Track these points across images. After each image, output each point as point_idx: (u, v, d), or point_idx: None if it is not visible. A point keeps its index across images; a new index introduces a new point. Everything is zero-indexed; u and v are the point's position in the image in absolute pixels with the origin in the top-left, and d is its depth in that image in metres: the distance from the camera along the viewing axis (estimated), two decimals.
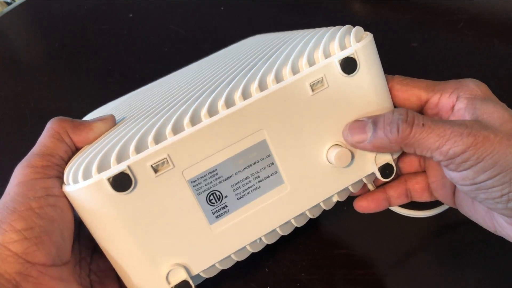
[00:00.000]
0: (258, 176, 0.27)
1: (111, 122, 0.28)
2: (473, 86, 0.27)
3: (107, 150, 0.24)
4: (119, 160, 0.24)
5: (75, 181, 0.24)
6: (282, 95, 0.26)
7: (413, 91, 0.29)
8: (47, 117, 0.28)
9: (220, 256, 0.27)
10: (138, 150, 0.24)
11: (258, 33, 0.45)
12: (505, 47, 0.50)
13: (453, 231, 0.36)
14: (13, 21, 0.73)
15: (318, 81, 0.27)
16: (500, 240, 0.28)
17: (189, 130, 0.25)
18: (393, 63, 0.55)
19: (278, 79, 0.26)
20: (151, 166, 0.24)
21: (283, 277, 0.35)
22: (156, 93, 0.34)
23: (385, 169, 0.30)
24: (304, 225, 0.30)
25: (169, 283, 0.26)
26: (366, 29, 0.29)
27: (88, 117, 0.36)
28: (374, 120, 0.26)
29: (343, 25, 0.30)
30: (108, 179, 0.24)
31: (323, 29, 0.31)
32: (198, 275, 0.28)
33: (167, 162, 0.25)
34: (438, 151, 0.24)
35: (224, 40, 0.47)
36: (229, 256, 0.28)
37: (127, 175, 0.24)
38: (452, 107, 0.27)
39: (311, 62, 0.27)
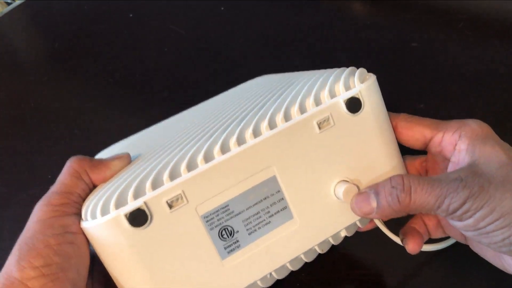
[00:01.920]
0: (269, 211, 0.28)
1: (127, 160, 0.29)
2: (475, 126, 0.28)
3: (124, 186, 0.25)
4: (136, 196, 0.25)
5: (93, 216, 0.25)
6: (291, 132, 0.28)
7: (417, 129, 0.30)
8: (47, 117, 0.28)
9: None
10: (154, 186, 0.25)
11: (258, 33, 0.45)
12: (505, 47, 0.50)
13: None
14: (13, 21, 0.73)
15: (325, 120, 0.28)
16: None
17: (203, 167, 0.26)
18: (393, 63, 0.55)
19: (286, 117, 0.28)
20: (166, 202, 0.25)
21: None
22: (169, 132, 0.35)
23: None
24: None
25: None
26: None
27: (103, 155, 0.36)
28: (376, 191, 0.27)
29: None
30: (125, 215, 0.25)
31: (328, 70, 0.32)
32: None
33: (182, 198, 0.26)
34: (440, 210, 0.25)
35: (224, 40, 0.47)
36: None
37: (143, 211, 0.25)
38: (454, 146, 0.28)
39: (317, 102, 0.28)
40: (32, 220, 0.25)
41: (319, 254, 0.31)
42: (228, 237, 0.27)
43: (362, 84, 0.29)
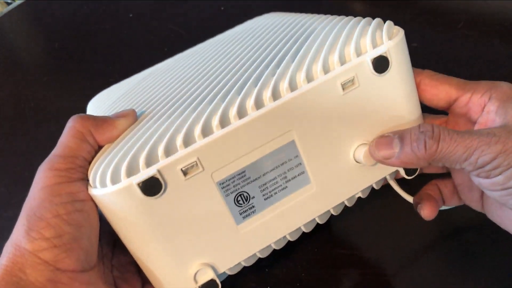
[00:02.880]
0: (286, 177, 0.27)
1: (133, 118, 0.27)
2: (507, 89, 0.26)
3: (135, 151, 0.24)
4: (148, 163, 0.23)
5: (103, 184, 0.24)
6: (313, 95, 0.26)
7: (443, 87, 0.28)
8: (47, 117, 0.28)
9: (246, 254, 0.28)
10: (168, 153, 0.24)
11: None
12: (505, 47, 0.50)
13: (457, 232, 0.36)
14: (13, 21, 0.73)
15: (350, 81, 0.26)
16: (509, 240, 0.28)
17: (219, 133, 0.24)
18: None
19: (309, 78, 0.26)
20: (181, 169, 0.24)
21: (283, 277, 0.35)
22: (173, 80, 0.33)
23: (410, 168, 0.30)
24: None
25: (196, 282, 0.27)
26: None
27: (96, 102, 0.36)
28: (401, 136, 0.26)
29: None
30: (138, 184, 0.23)
31: (351, 19, 0.30)
32: (223, 272, 0.28)
33: (197, 165, 0.24)
34: (467, 162, 0.24)
35: None
36: (254, 253, 0.28)
37: (157, 179, 0.23)
38: (483, 108, 0.27)
39: (342, 60, 0.26)
40: (37, 187, 0.24)
41: (319, 254, 0.31)
42: (244, 203, 0.27)
43: (391, 40, 0.26)
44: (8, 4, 0.84)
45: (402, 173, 0.30)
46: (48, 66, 0.62)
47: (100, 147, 0.27)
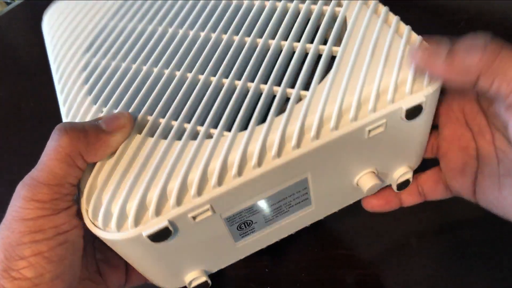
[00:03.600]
0: (290, 204, 0.27)
1: (130, 129, 0.24)
2: None
3: (143, 196, 0.22)
4: (158, 212, 0.22)
5: (106, 226, 0.22)
6: (338, 142, 0.24)
7: None
8: (47, 117, 0.28)
9: (237, 258, 0.29)
10: (179, 201, 0.22)
11: None
12: None
13: (455, 231, 0.36)
14: (13, 21, 0.73)
15: (378, 126, 0.24)
16: (503, 239, 0.28)
17: (236, 182, 0.23)
18: None
19: (338, 126, 0.23)
20: (192, 217, 0.23)
21: (283, 277, 0.35)
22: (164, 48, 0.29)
23: (402, 185, 0.30)
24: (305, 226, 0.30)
25: (190, 284, 0.28)
26: None
27: (55, 23, 0.33)
28: (447, 47, 0.22)
29: None
30: (148, 236, 0.22)
31: (376, 28, 0.26)
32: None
33: (208, 210, 0.23)
34: None
35: None
36: None
37: (167, 227, 0.22)
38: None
39: (375, 108, 0.24)
40: (17, 216, 0.22)
41: (319, 255, 0.31)
42: (246, 227, 0.27)
43: (430, 87, 0.24)
44: (8, 4, 0.84)
45: (394, 188, 0.31)
46: (48, 66, 0.62)
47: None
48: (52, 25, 0.35)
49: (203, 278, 0.28)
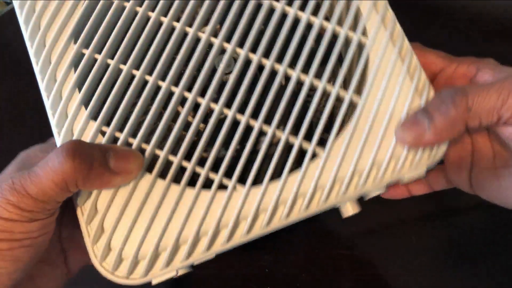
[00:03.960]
0: None
1: (136, 176, 0.24)
2: (493, 61, 0.27)
3: (155, 245, 0.24)
4: (169, 263, 0.24)
5: (115, 269, 0.24)
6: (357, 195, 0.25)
7: (430, 57, 0.28)
8: (47, 117, 0.28)
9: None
10: (189, 255, 0.24)
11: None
12: (505, 47, 0.50)
13: (456, 231, 0.36)
14: (13, 21, 0.73)
15: (396, 180, 0.26)
16: (504, 239, 0.28)
17: (244, 238, 0.24)
18: None
19: (347, 191, 0.25)
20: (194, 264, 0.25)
21: (283, 277, 0.35)
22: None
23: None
24: (305, 226, 0.30)
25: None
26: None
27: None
28: (423, 109, 0.24)
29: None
30: (156, 283, 0.24)
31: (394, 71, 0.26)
32: None
33: (210, 256, 0.25)
34: (506, 107, 0.22)
35: None
36: None
37: (173, 273, 0.25)
38: (469, 79, 0.27)
39: (382, 177, 0.25)
40: None
41: (319, 255, 0.31)
42: None
43: (436, 155, 0.25)
44: (8, 4, 0.84)
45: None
46: None
47: None
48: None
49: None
